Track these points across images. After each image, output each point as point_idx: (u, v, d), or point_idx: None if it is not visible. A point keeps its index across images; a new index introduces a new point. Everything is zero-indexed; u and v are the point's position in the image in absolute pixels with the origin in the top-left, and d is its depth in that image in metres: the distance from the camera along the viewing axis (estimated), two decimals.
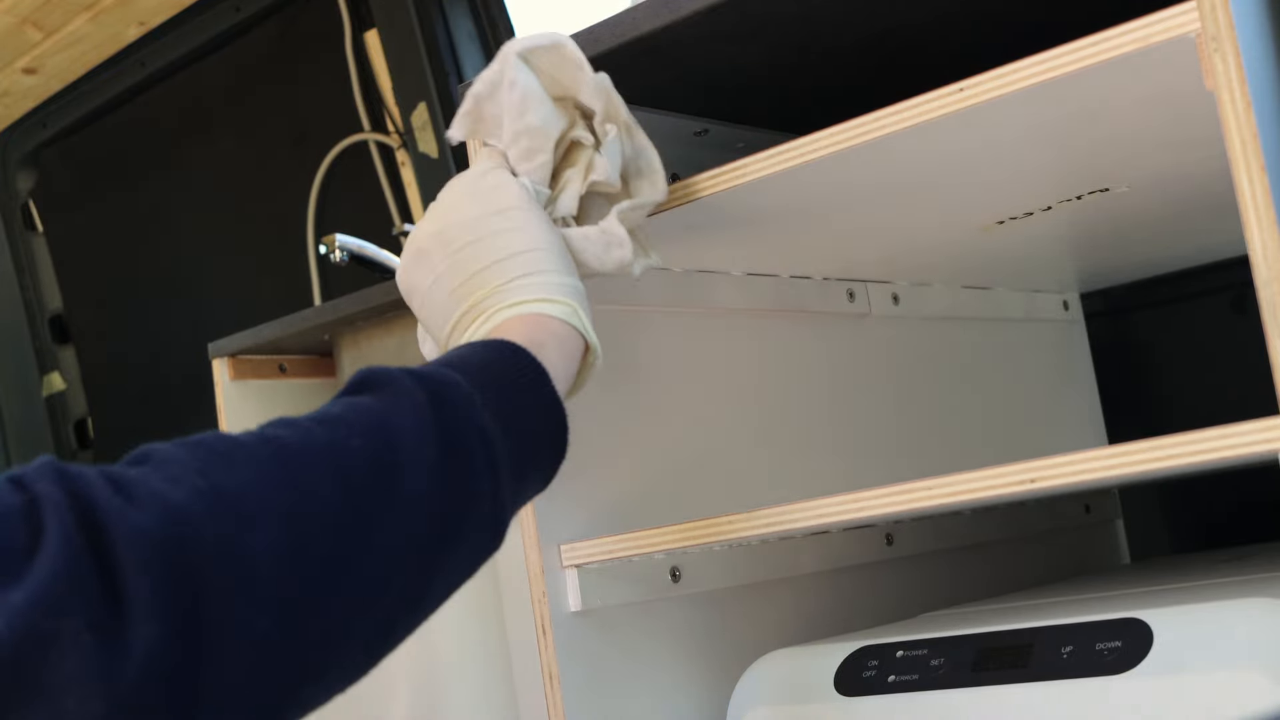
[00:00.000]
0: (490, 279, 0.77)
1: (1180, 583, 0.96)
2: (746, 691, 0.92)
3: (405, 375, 0.66)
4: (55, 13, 2.47)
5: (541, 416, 0.71)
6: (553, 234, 0.80)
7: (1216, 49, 0.66)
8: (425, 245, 0.81)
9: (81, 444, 2.98)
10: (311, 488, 0.57)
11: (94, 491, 0.51)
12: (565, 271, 0.78)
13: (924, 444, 1.22)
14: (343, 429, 0.61)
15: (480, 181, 0.81)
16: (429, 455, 0.63)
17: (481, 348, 0.72)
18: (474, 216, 0.79)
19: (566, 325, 0.76)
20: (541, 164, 0.82)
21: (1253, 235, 0.65)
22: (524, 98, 0.81)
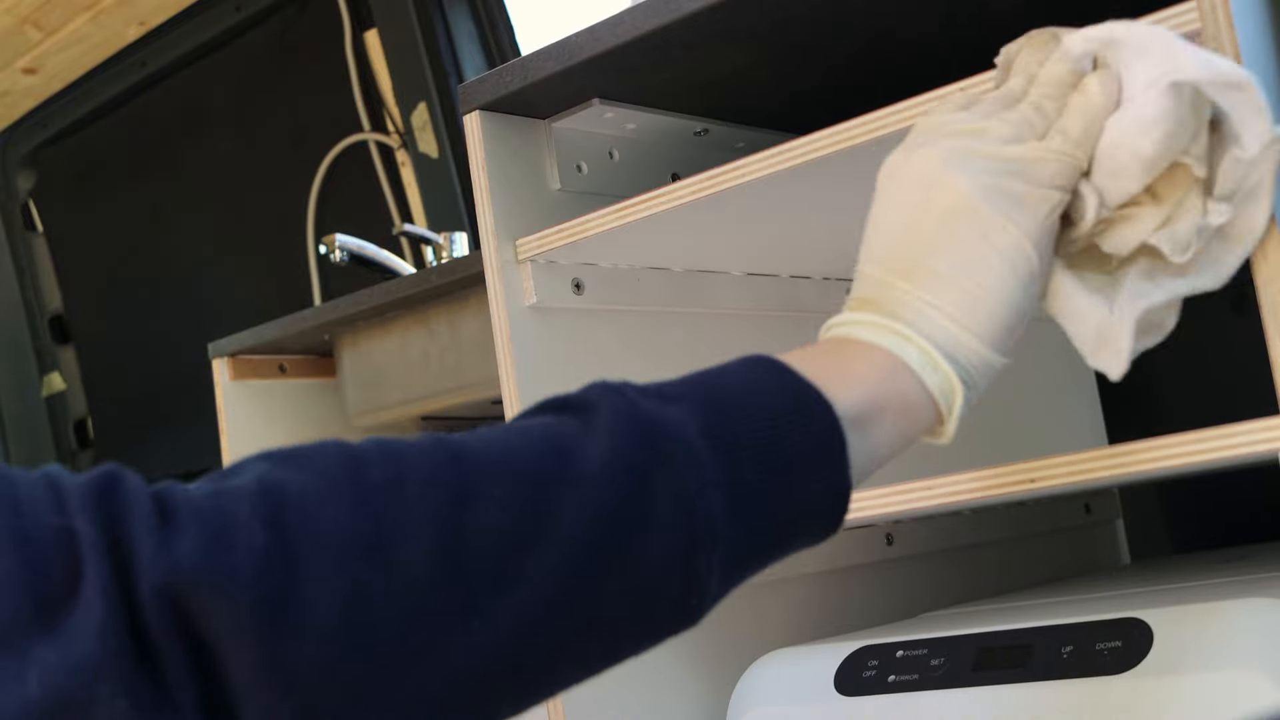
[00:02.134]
0: (920, 280, 0.61)
1: (1180, 583, 0.96)
2: (746, 691, 0.92)
3: (629, 419, 0.52)
4: (55, 13, 2.47)
5: (805, 505, 0.56)
6: (1024, 293, 0.62)
7: (1216, 49, 0.66)
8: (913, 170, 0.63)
9: (81, 444, 2.98)
10: (403, 561, 0.47)
11: (133, 530, 0.45)
12: (991, 343, 0.61)
13: (923, 443, 1.22)
14: (491, 477, 0.49)
15: (1025, 171, 0.61)
16: (595, 538, 0.50)
17: (780, 387, 0.56)
18: (974, 207, 0.60)
19: (929, 399, 0.60)
20: (1125, 193, 0.63)
21: None
22: (1157, 119, 0.61)
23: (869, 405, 0.58)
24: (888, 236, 0.63)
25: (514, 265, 0.94)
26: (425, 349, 1.52)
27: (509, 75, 0.93)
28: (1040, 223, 0.62)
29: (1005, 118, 0.63)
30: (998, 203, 0.61)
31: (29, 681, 0.42)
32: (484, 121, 0.95)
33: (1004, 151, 0.62)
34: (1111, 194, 0.63)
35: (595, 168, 1.01)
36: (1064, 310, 0.65)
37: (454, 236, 1.87)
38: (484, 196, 0.94)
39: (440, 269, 1.42)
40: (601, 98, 0.96)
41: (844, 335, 0.61)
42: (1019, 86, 0.65)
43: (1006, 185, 0.61)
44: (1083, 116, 0.63)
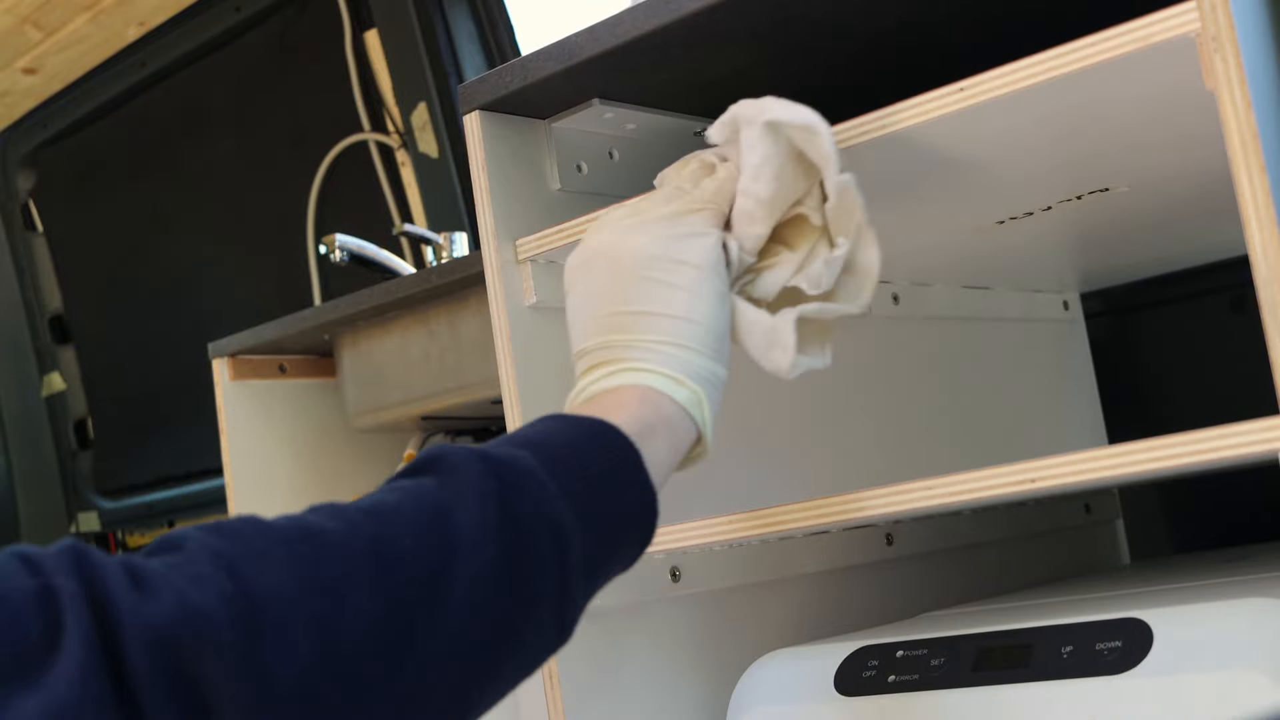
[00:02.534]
0: (634, 327, 0.71)
1: (1180, 583, 0.96)
2: (746, 691, 0.92)
3: (475, 460, 0.61)
4: (55, 13, 2.47)
5: (628, 508, 0.66)
6: (719, 312, 0.73)
7: (1216, 49, 0.66)
8: (596, 254, 0.75)
9: (81, 444, 2.98)
10: (348, 594, 0.53)
11: (111, 587, 0.49)
12: (711, 356, 0.72)
13: (924, 444, 1.22)
14: (394, 524, 0.57)
15: (679, 222, 0.74)
16: (487, 555, 0.58)
17: (573, 425, 0.67)
18: (653, 255, 0.72)
19: (685, 414, 0.70)
20: (756, 236, 0.75)
21: (1253, 235, 0.65)
22: (762, 163, 0.75)
23: (640, 427, 0.67)
24: (592, 311, 0.73)
25: (514, 265, 0.94)
26: (425, 349, 1.52)
27: (509, 75, 0.93)
28: (709, 254, 0.73)
29: (655, 198, 0.77)
30: (672, 249, 0.72)
31: None
32: (484, 121, 0.95)
33: (662, 211, 0.74)
34: (748, 241, 0.75)
35: (595, 168, 1.01)
36: (739, 325, 0.76)
37: (454, 236, 1.87)
38: (484, 196, 0.94)
39: (440, 269, 1.42)
40: (601, 98, 0.96)
41: (593, 393, 0.71)
42: (666, 187, 0.78)
43: (672, 235, 0.73)
44: (713, 181, 0.76)
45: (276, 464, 1.68)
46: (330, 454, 1.73)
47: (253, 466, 1.66)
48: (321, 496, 1.71)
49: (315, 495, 1.71)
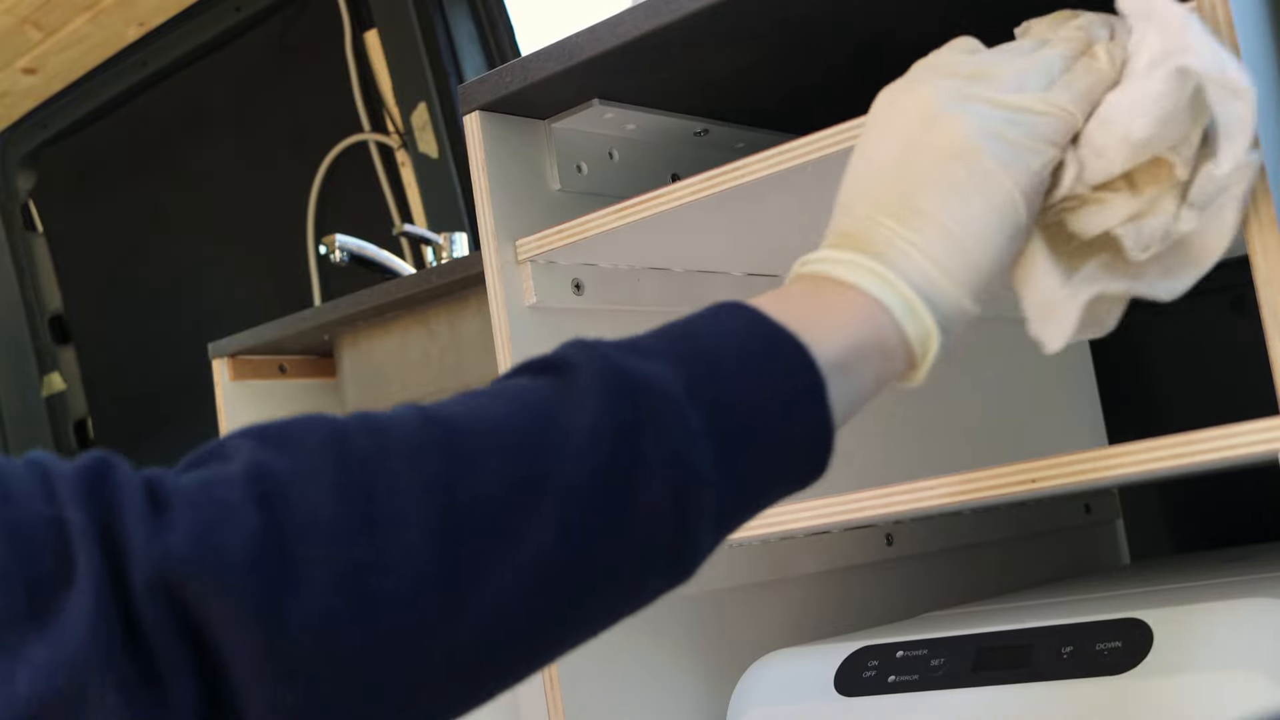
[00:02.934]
0: (908, 221, 0.59)
1: (1180, 583, 0.96)
2: (746, 691, 0.92)
3: (612, 379, 0.52)
4: (55, 13, 2.47)
5: (791, 445, 0.56)
6: (1009, 247, 0.61)
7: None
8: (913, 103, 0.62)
9: (81, 444, 2.98)
10: (398, 534, 0.46)
11: (126, 517, 0.44)
12: (970, 292, 0.60)
13: (924, 444, 1.22)
14: (480, 442, 0.49)
15: (1024, 120, 0.61)
16: (590, 496, 0.50)
17: (755, 332, 0.55)
18: (971, 147, 0.60)
19: (906, 349, 0.60)
20: (1105, 173, 0.62)
21: (1253, 235, 0.65)
22: (1153, 101, 0.60)
23: (850, 352, 0.57)
24: (878, 171, 0.62)
25: (514, 265, 0.94)
26: (425, 349, 1.52)
27: (509, 75, 0.93)
28: (1032, 177, 0.61)
29: (1010, 65, 0.62)
30: (995, 150, 0.60)
31: (18, 680, 0.42)
32: (484, 122, 0.95)
33: (1007, 99, 0.61)
34: (1091, 170, 0.62)
35: (595, 168, 1.01)
36: (1022, 273, 0.65)
37: (454, 237, 1.87)
38: (484, 197, 0.94)
39: (440, 269, 1.42)
40: (601, 98, 0.96)
41: (822, 273, 0.60)
42: (1029, 45, 0.65)
43: (1006, 133, 0.60)
44: (1086, 76, 0.62)
45: None
46: None
47: None
48: None
49: None
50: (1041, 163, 0.61)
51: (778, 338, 0.55)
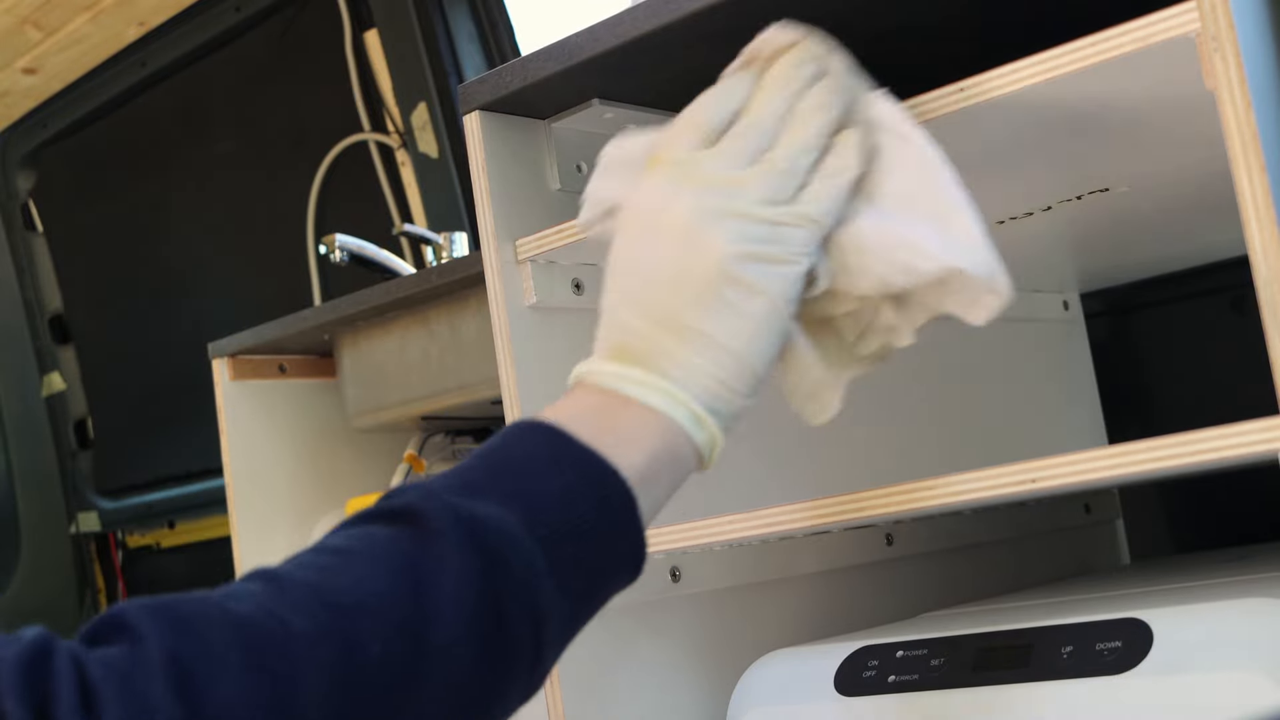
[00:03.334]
0: (688, 343, 0.64)
1: (1180, 583, 0.96)
2: (746, 691, 0.92)
3: (461, 528, 0.56)
4: (55, 13, 2.47)
5: (617, 564, 0.61)
6: (774, 349, 0.65)
7: (1216, 49, 0.66)
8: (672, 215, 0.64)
9: (81, 444, 2.98)
10: (302, 709, 0.50)
11: (61, 714, 0.47)
12: (746, 395, 0.65)
13: (924, 444, 1.22)
14: (364, 620, 0.52)
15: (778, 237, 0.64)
16: (466, 655, 0.54)
17: (572, 465, 0.60)
18: (731, 272, 0.63)
19: (696, 454, 0.65)
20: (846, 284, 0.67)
21: (1253, 235, 0.65)
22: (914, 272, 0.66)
23: (650, 466, 0.62)
24: (650, 289, 0.65)
25: (514, 265, 0.94)
26: (425, 349, 1.52)
27: (509, 75, 0.93)
28: (791, 284, 0.65)
29: (760, 174, 0.65)
30: (755, 269, 0.64)
31: None
32: (484, 121, 0.95)
33: (760, 214, 0.64)
34: (841, 282, 0.67)
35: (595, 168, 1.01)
36: (787, 362, 0.69)
37: (454, 236, 1.87)
38: (484, 196, 0.94)
39: (440, 269, 1.42)
40: (601, 98, 0.96)
41: (613, 388, 0.64)
42: (769, 123, 0.66)
43: (763, 252, 0.64)
44: (834, 186, 0.66)
45: (276, 464, 1.68)
46: (330, 454, 1.73)
47: (253, 466, 1.66)
48: (321, 496, 1.71)
49: (315, 495, 1.71)
50: (797, 272, 0.65)
51: (591, 464, 0.60)
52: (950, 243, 0.66)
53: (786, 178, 0.65)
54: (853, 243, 0.66)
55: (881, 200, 0.67)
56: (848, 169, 0.66)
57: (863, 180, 0.67)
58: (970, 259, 0.65)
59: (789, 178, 0.65)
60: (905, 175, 0.67)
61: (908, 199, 0.66)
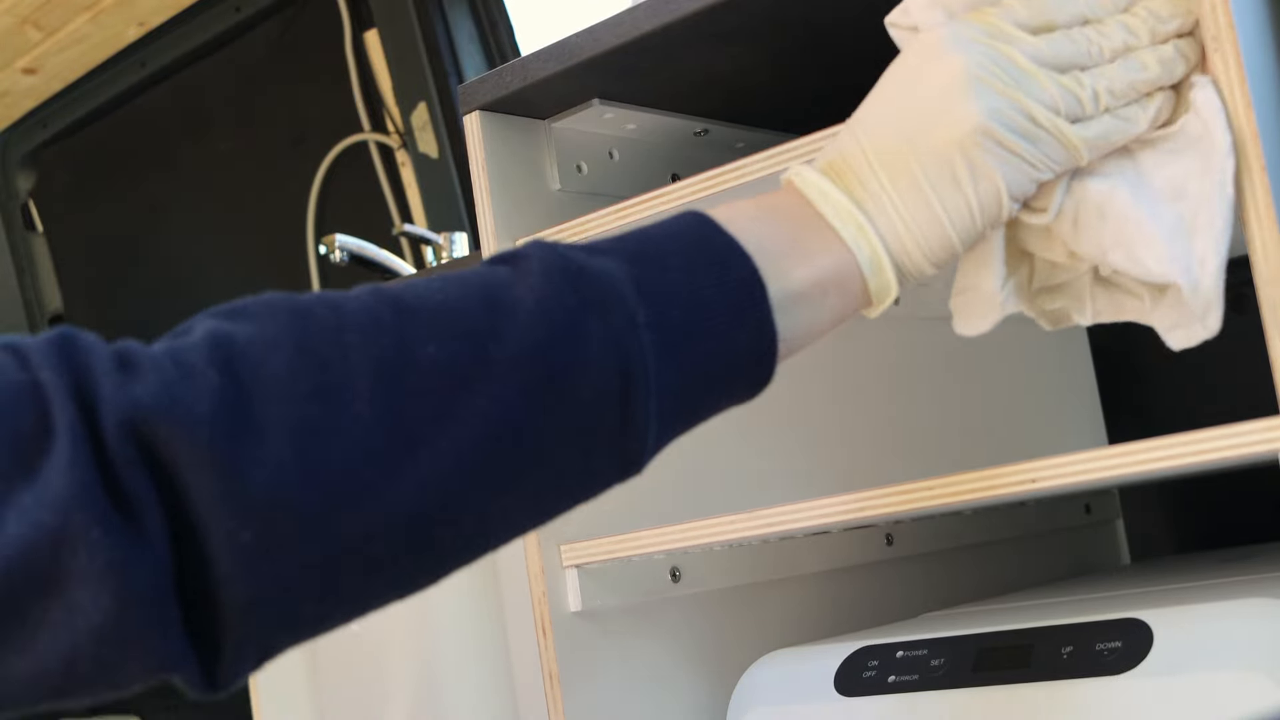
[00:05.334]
0: (897, 183, 0.63)
1: (1180, 583, 0.96)
2: (746, 691, 0.92)
3: (561, 268, 0.55)
4: (55, 13, 2.47)
5: (734, 348, 0.58)
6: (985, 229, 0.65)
7: (1216, 49, 0.66)
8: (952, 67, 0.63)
9: None
10: (348, 399, 0.50)
11: (97, 375, 0.49)
12: (936, 264, 0.65)
13: (924, 444, 1.22)
14: (428, 322, 0.53)
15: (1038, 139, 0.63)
16: (533, 377, 0.53)
17: (710, 244, 0.59)
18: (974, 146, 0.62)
19: (865, 295, 0.64)
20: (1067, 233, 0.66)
21: (1253, 235, 0.65)
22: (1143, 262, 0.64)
23: (815, 285, 0.61)
24: (893, 119, 0.64)
25: None
26: None
27: (509, 75, 0.93)
28: (1022, 186, 0.64)
29: (1059, 83, 0.63)
30: (993, 152, 0.62)
31: (9, 524, 0.46)
32: (484, 121, 0.95)
33: (1031, 109, 0.62)
34: (1066, 230, 0.66)
35: (595, 168, 1.01)
36: (976, 257, 0.68)
37: (454, 236, 1.87)
38: (484, 196, 0.94)
39: (440, 269, 1.42)
40: (601, 98, 0.96)
41: (812, 198, 0.63)
42: (1106, 47, 0.64)
43: (1010, 141, 0.62)
44: (1117, 131, 0.64)
45: None
46: None
47: None
48: None
49: None
50: (1035, 180, 0.64)
51: (728, 249, 0.59)
52: (1183, 256, 0.63)
53: (1082, 102, 0.63)
54: (1097, 200, 0.64)
55: (1149, 179, 0.65)
56: (1138, 127, 0.65)
57: (1144, 148, 0.65)
58: (1193, 281, 0.63)
59: (1085, 104, 0.63)
60: (1186, 169, 0.64)
61: (1174, 193, 0.64)
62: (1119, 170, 0.65)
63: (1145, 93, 0.65)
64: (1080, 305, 0.70)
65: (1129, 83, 0.64)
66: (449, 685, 1.25)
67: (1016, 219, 0.67)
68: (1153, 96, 0.65)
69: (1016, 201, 0.64)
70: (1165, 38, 0.65)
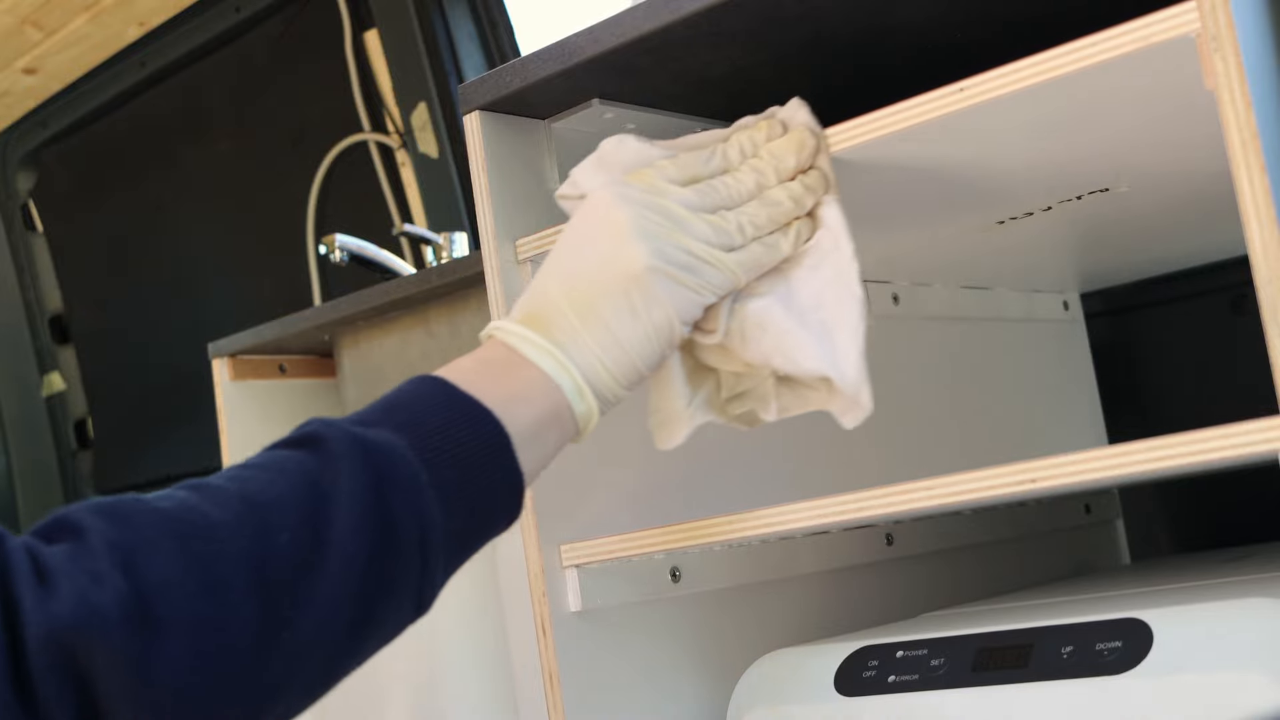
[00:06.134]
0: (588, 324, 0.73)
1: (1180, 583, 0.96)
2: (746, 691, 0.92)
3: (355, 447, 0.64)
4: (55, 13, 2.47)
5: (494, 493, 0.69)
6: (665, 351, 0.75)
7: (1216, 49, 0.66)
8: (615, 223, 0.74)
9: (81, 444, 2.98)
10: (229, 593, 0.58)
11: (18, 585, 0.54)
12: (625, 386, 0.75)
13: (924, 444, 1.22)
14: (274, 518, 0.61)
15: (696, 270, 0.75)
16: (357, 552, 0.62)
17: (451, 404, 0.69)
18: (647, 281, 0.73)
19: (574, 422, 0.74)
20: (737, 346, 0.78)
21: (1253, 235, 0.65)
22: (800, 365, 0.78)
23: (539, 423, 0.71)
24: (575, 268, 0.75)
25: (514, 265, 0.94)
26: (425, 349, 1.52)
27: (509, 75, 0.93)
28: (690, 311, 0.75)
29: (709, 223, 0.75)
30: (666, 286, 0.74)
31: None
32: (484, 122, 0.95)
33: (688, 244, 0.74)
34: (732, 339, 0.77)
35: None
36: (661, 382, 0.79)
37: (454, 236, 1.87)
38: (484, 196, 0.94)
39: (440, 269, 1.42)
40: (601, 98, 0.96)
41: (515, 345, 0.73)
42: (741, 192, 0.77)
43: (674, 273, 0.74)
44: (768, 252, 0.77)
45: None
46: None
47: None
48: None
49: None
50: (701, 304, 0.75)
51: (472, 406, 0.69)
52: (829, 354, 0.76)
53: (731, 235, 0.76)
54: (756, 316, 0.76)
55: (798, 293, 0.77)
56: (782, 251, 0.77)
57: (791, 266, 0.78)
58: (840, 373, 0.76)
59: (734, 236, 0.76)
60: (824, 280, 0.77)
61: (815, 302, 0.77)
62: (773, 289, 0.77)
63: (784, 223, 0.77)
64: (765, 406, 0.80)
65: (768, 216, 0.77)
66: (449, 685, 1.26)
67: (694, 341, 0.78)
68: (791, 225, 0.78)
69: (687, 325, 0.75)
70: (790, 174, 0.78)
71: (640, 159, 0.78)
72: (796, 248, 0.78)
